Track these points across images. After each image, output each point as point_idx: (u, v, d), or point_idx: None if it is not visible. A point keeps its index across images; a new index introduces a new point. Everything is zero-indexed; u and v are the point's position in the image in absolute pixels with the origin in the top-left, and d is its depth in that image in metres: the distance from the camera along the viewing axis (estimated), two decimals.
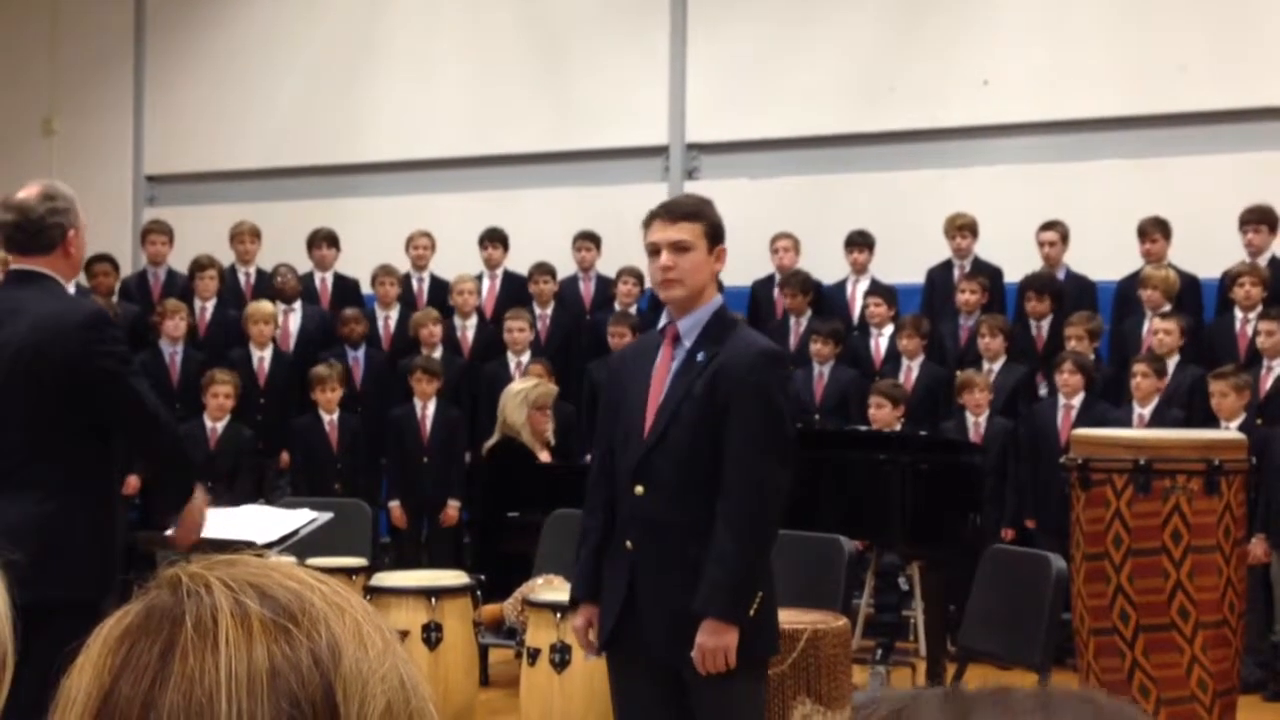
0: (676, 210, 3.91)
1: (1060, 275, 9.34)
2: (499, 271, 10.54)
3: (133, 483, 8.41)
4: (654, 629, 3.80)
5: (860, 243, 9.82)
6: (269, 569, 0.92)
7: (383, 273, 10.19)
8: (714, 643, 3.68)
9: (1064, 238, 9.33)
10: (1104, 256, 9.35)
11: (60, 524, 3.84)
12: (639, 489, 3.82)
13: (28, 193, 4.07)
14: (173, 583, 0.90)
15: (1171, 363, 8.34)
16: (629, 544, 3.84)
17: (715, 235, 3.87)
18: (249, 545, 1.01)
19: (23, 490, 3.85)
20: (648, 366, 3.89)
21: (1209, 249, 9.00)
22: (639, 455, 3.82)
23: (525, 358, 9.50)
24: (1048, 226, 9.34)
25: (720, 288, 4.00)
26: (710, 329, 3.85)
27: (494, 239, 10.50)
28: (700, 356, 3.82)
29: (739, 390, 3.74)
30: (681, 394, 3.80)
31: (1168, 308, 8.64)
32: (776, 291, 9.95)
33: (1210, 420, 7.64)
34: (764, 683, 4.01)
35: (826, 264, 9.96)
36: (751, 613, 3.72)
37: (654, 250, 3.86)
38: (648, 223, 3.91)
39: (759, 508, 3.74)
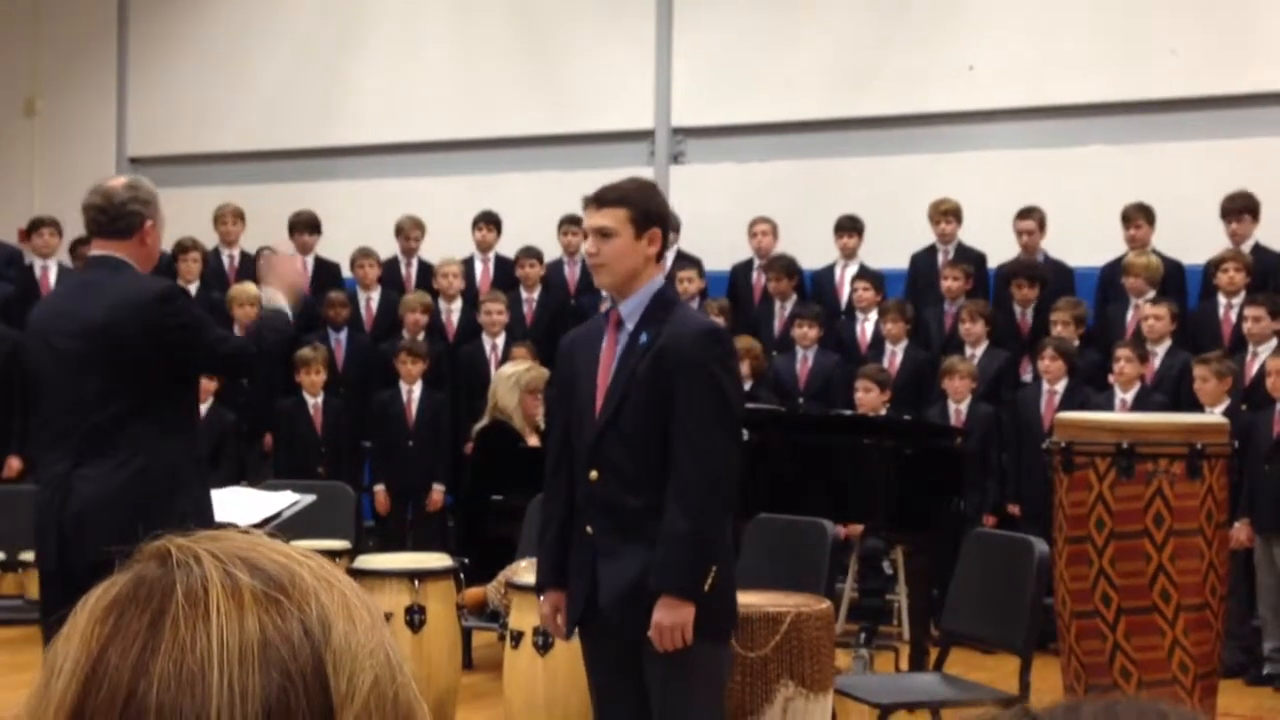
0: (601, 197, 3.93)
1: (1039, 261, 9.37)
2: (491, 254, 10.54)
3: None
4: (617, 609, 3.83)
5: (849, 227, 9.83)
6: (256, 543, 0.92)
7: (362, 255, 10.17)
8: (671, 619, 3.70)
9: (1041, 225, 9.35)
10: (1088, 242, 9.37)
11: (155, 484, 4.13)
12: (593, 474, 3.84)
13: (115, 181, 4.45)
14: (161, 554, 0.90)
15: (1162, 348, 8.37)
16: (589, 529, 3.87)
17: (645, 220, 3.86)
18: (232, 527, 1.01)
19: (112, 456, 4.14)
20: (595, 351, 3.92)
21: (1193, 235, 9.03)
22: (590, 441, 3.84)
23: (501, 340, 9.51)
24: (1025, 214, 9.35)
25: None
26: (651, 311, 3.87)
27: (487, 221, 10.50)
28: (643, 338, 3.84)
29: (682, 369, 3.76)
30: (626, 377, 3.82)
31: (1151, 294, 8.67)
32: (755, 275, 9.96)
33: (1193, 405, 7.67)
34: (724, 655, 4.01)
35: (811, 248, 9.96)
36: (707, 587, 3.73)
37: (585, 236, 3.92)
38: (583, 208, 3.97)
39: (708, 484, 3.74)
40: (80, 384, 4.18)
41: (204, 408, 8.72)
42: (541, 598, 4.07)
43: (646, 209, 3.88)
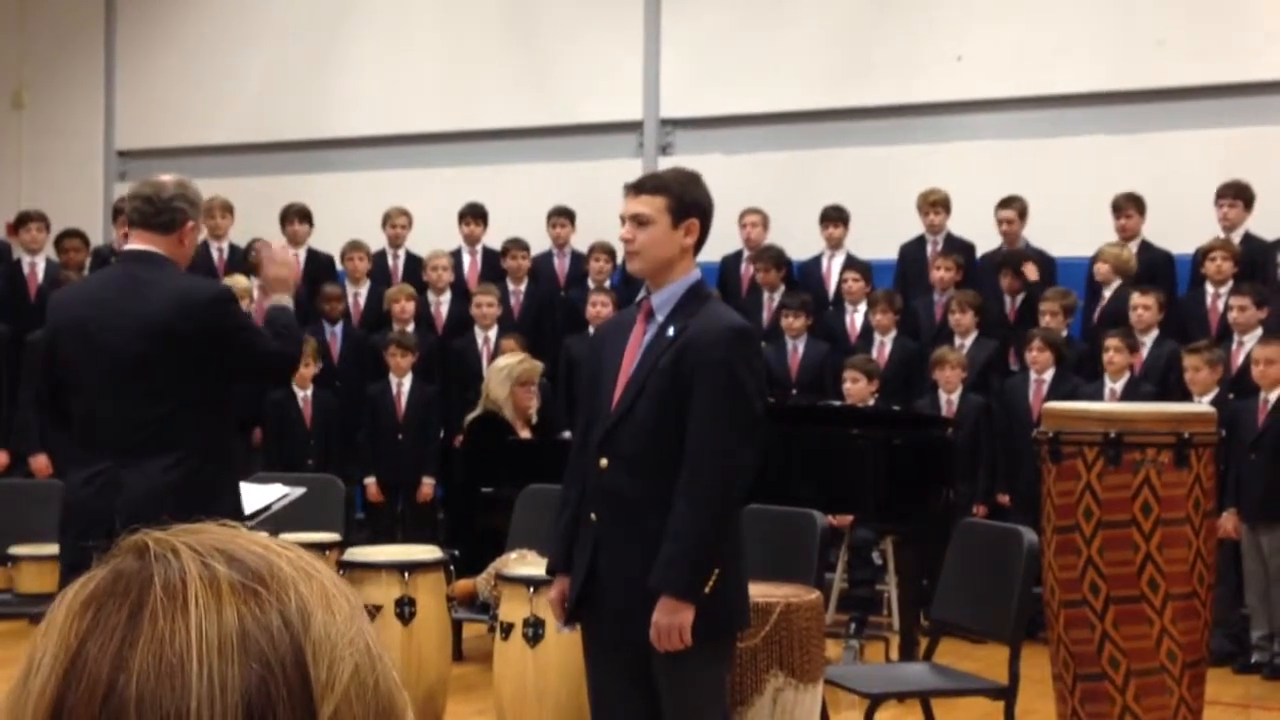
0: (642, 184, 3.92)
1: (1022, 249, 9.38)
2: (479, 247, 10.54)
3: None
4: (614, 601, 3.83)
5: (836, 218, 9.84)
6: (234, 535, 0.92)
7: (352, 249, 10.18)
8: (669, 621, 3.68)
9: (1021, 214, 9.37)
10: (1079, 233, 9.38)
11: (198, 484, 4.16)
12: (604, 462, 3.83)
13: (164, 177, 4.44)
14: (138, 548, 0.90)
15: (1149, 338, 8.39)
16: (593, 517, 3.86)
17: (683, 209, 3.84)
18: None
19: (165, 455, 4.16)
20: (624, 341, 3.90)
21: (1183, 225, 9.04)
22: (605, 428, 3.83)
23: (493, 333, 9.51)
24: (1005, 204, 9.37)
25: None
26: (684, 304, 3.84)
27: (474, 215, 10.50)
28: (670, 331, 3.81)
29: (704, 365, 3.73)
30: (649, 368, 3.80)
31: (1118, 283, 8.71)
32: (744, 266, 9.96)
33: (1183, 395, 7.68)
34: (727, 659, 4.00)
35: (801, 239, 9.98)
36: (708, 590, 3.70)
37: (623, 222, 3.89)
38: (624, 195, 3.95)
39: (718, 484, 3.71)
40: (132, 381, 4.18)
41: None
42: (553, 582, 4.08)
43: (685, 198, 3.85)
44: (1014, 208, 9.35)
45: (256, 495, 5.09)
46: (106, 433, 4.22)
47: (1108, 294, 8.73)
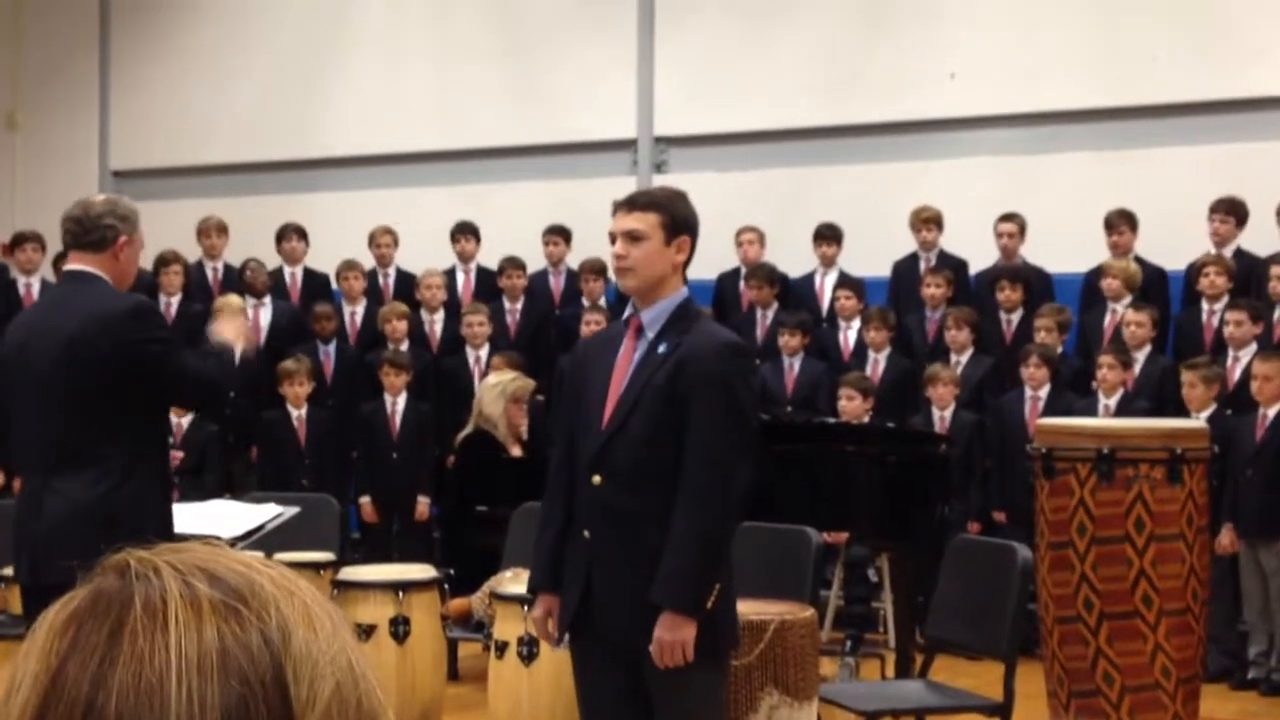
0: (634, 200, 3.94)
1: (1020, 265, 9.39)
2: (472, 265, 10.55)
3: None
4: (611, 618, 3.81)
5: (829, 235, 9.85)
6: (216, 554, 0.92)
7: (347, 268, 10.18)
8: (671, 636, 3.68)
9: (1021, 230, 9.38)
10: (1071, 249, 9.39)
11: (125, 500, 4.13)
12: (596, 478, 3.82)
13: (94, 197, 4.52)
14: (120, 567, 0.90)
15: (1142, 354, 8.38)
16: (586, 533, 3.85)
17: (675, 226, 3.86)
18: (214, 539, 1.01)
19: (88, 470, 4.14)
20: (611, 357, 3.90)
21: (1176, 242, 9.04)
22: (597, 445, 3.83)
23: (484, 352, 9.52)
24: (1006, 218, 9.38)
25: (684, 280, 4.00)
26: (674, 321, 3.85)
27: (466, 232, 10.51)
28: (662, 348, 3.82)
29: (701, 382, 3.74)
30: (642, 384, 3.80)
31: (1129, 298, 8.69)
32: (742, 284, 9.97)
33: (1178, 411, 7.68)
34: (724, 675, 4.00)
35: (794, 257, 9.99)
36: (709, 605, 3.71)
37: (613, 239, 3.90)
38: (613, 212, 3.95)
39: (718, 500, 3.72)
40: (55, 400, 4.19)
41: (186, 420, 8.70)
42: (535, 601, 4.06)
43: (677, 216, 3.87)
44: (1015, 223, 9.36)
45: (250, 515, 5.09)
46: (33, 454, 4.26)
47: (1120, 309, 8.67)
